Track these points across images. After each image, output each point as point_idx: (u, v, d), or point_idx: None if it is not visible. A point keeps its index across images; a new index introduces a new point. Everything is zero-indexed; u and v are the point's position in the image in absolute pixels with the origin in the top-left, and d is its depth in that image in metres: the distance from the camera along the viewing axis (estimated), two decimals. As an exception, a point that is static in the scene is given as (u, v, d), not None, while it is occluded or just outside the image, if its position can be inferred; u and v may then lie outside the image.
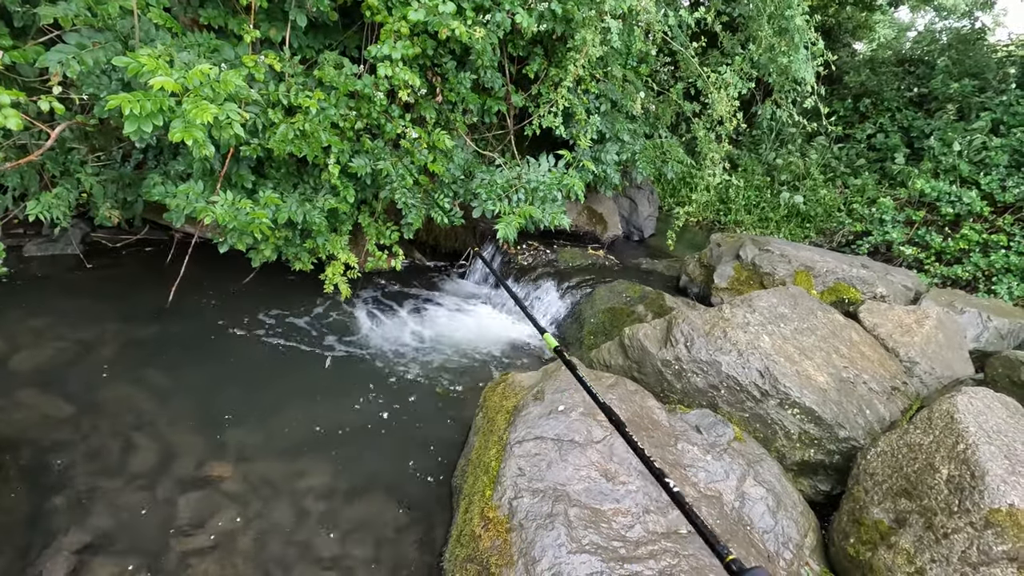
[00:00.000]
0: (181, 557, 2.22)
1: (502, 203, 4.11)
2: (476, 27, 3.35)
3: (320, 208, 3.64)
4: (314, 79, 3.46)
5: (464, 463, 2.63)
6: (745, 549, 2.06)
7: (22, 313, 3.47)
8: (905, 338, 3.39)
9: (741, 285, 4.33)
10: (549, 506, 1.97)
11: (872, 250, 6.76)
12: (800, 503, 2.32)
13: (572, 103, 4.27)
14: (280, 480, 2.65)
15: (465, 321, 4.49)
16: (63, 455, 2.56)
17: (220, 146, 3.18)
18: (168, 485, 2.52)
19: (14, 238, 4.18)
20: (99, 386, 3.01)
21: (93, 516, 2.31)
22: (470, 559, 1.95)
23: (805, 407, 2.52)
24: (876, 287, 4.08)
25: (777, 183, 8.36)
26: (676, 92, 5.53)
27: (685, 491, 2.20)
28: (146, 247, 4.57)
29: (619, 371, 3.01)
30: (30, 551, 2.12)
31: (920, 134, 8.20)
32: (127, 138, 3.55)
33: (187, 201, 3.21)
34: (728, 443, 2.43)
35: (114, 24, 2.88)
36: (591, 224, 5.70)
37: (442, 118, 4.14)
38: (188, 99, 2.52)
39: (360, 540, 2.43)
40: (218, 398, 3.09)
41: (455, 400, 3.44)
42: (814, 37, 4.58)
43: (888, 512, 2.04)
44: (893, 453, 2.17)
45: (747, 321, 2.89)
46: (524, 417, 2.29)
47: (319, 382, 3.39)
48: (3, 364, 3.03)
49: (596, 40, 3.83)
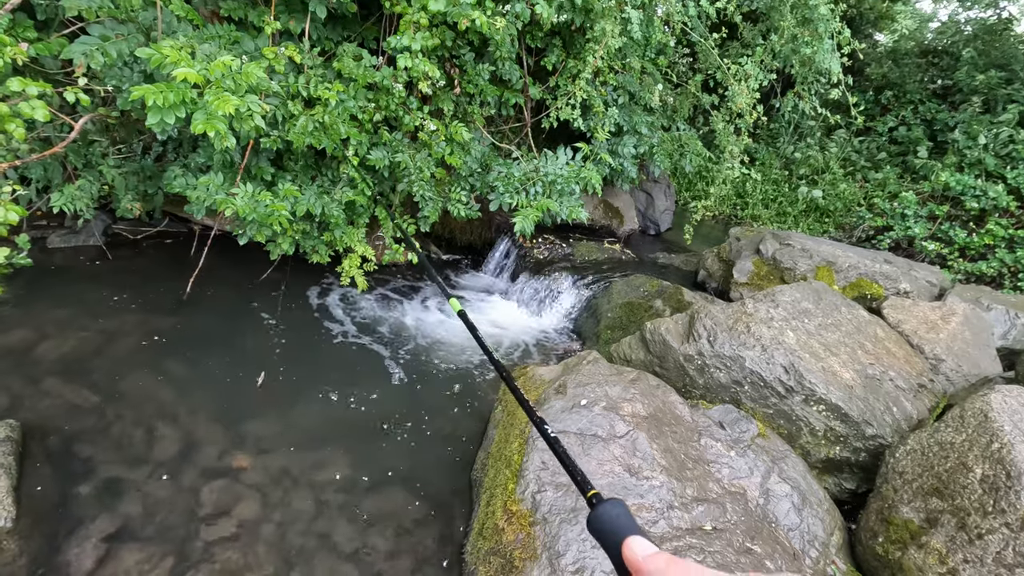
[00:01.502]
0: (205, 545, 2.24)
1: (519, 196, 4.08)
2: (496, 17, 3.31)
3: (338, 201, 3.64)
4: (333, 71, 3.45)
5: (484, 456, 2.63)
6: (770, 546, 2.03)
7: (47, 303, 3.52)
8: (930, 335, 3.32)
9: (761, 280, 4.27)
10: (573, 500, 1.95)
11: (893, 245, 6.64)
12: (826, 501, 2.29)
13: (590, 95, 4.22)
14: (299, 471, 2.66)
15: (481, 313, 4.48)
16: (89, 443, 2.59)
17: (240, 138, 3.19)
18: (191, 474, 2.55)
19: (38, 230, 4.24)
20: (122, 375, 3.04)
21: (120, 504, 2.33)
22: (493, 552, 1.94)
23: (831, 404, 2.48)
24: (899, 283, 4.00)
25: (795, 177, 8.24)
26: (695, 84, 5.45)
27: (709, 487, 2.17)
28: (166, 239, 4.61)
29: (639, 365, 2.99)
30: (58, 537, 2.15)
31: (944, 127, 8.02)
32: (148, 131, 3.59)
33: (207, 193, 3.22)
34: (752, 439, 2.40)
35: (136, 16, 2.89)
36: (607, 218, 5.65)
37: (459, 110, 4.11)
38: (210, 91, 2.52)
39: (380, 531, 2.43)
40: (237, 388, 3.11)
41: (472, 392, 3.44)
42: (839, 26, 4.48)
43: (918, 511, 2.00)
44: (923, 452, 2.13)
45: (771, 316, 2.84)
46: (546, 411, 2.27)
47: (336, 374, 3.40)
48: (30, 353, 3.07)
49: (616, 31, 3.78)
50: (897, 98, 9.01)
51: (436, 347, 3.87)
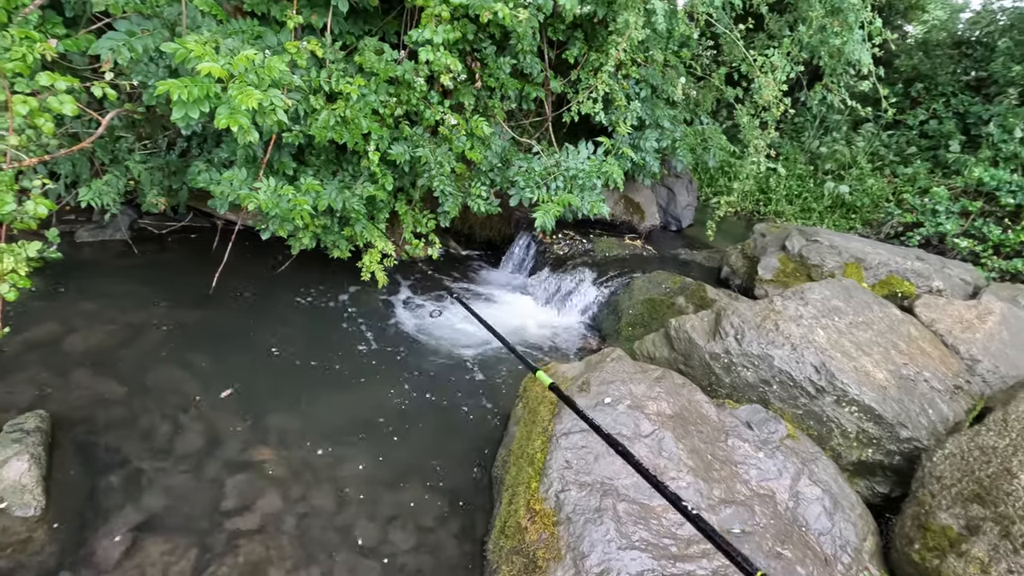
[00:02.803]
0: (229, 537, 2.25)
1: (540, 191, 4.04)
2: (519, 9, 3.27)
3: (359, 195, 3.63)
4: (355, 65, 3.44)
5: (505, 453, 2.60)
6: (800, 551, 1.97)
7: (75, 296, 3.58)
8: (966, 334, 3.20)
9: (787, 277, 4.17)
10: (597, 500, 1.92)
11: (923, 242, 6.45)
12: (858, 505, 2.22)
13: (612, 88, 4.15)
14: (320, 465, 2.67)
15: (500, 309, 4.45)
16: (115, 434, 2.63)
17: (263, 133, 3.19)
18: (214, 467, 2.57)
19: (66, 224, 4.32)
20: (148, 368, 3.08)
21: (145, 495, 2.36)
22: (516, 551, 1.92)
23: (864, 405, 2.40)
24: (932, 280, 3.87)
25: (821, 172, 8.05)
26: (718, 77, 5.34)
27: (736, 489, 2.12)
28: (191, 234, 4.67)
29: (664, 363, 2.93)
30: (86, 527, 2.18)
31: (977, 120, 7.76)
32: (172, 126, 3.62)
33: (231, 188, 3.24)
34: (781, 440, 2.33)
35: (162, 11, 2.91)
36: (628, 214, 5.58)
37: (480, 104, 4.08)
38: (233, 85, 2.52)
39: (400, 526, 2.43)
40: (259, 382, 3.13)
41: (491, 388, 3.42)
42: (870, 16, 4.34)
43: (958, 518, 1.92)
44: (963, 456, 2.05)
45: (799, 314, 2.76)
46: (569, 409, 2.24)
47: (356, 369, 3.41)
48: (59, 345, 3.13)
49: (639, 23, 3.70)
50: (928, 91, 8.74)
51: (454, 343, 3.86)
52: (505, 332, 4.05)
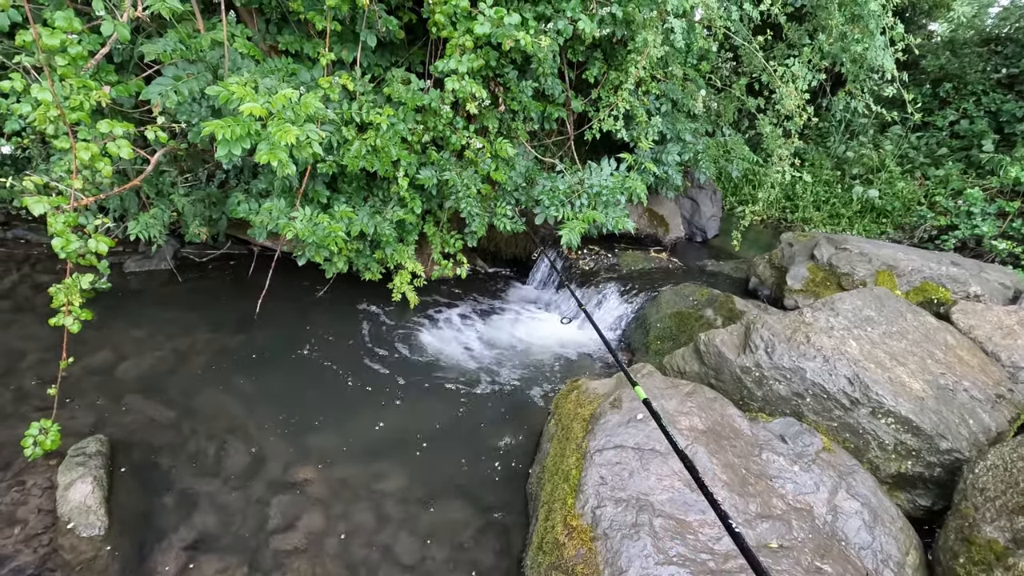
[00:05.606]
0: (276, 556, 2.34)
1: (565, 208, 4.11)
2: (540, 36, 3.37)
3: (389, 220, 3.76)
4: (383, 96, 3.59)
5: (539, 470, 2.65)
6: (841, 566, 1.96)
7: (125, 324, 3.77)
8: (1007, 341, 3.13)
9: (817, 287, 4.13)
10: (633, 516, 1.95)
11: (959, 245, 6.28)
12: (899, 518, 2.19)
13: (632, 105, 4.22)
14: (360, 484, 2.75)
15: (528, 326, 4.51)
16: (168, 456, 2.77)
17: (299, 164, 3.35)
18: (260, 487, 2.68)
19: (115, 255, 4.56)
20: (195, 392, 3.23)
21: (197, 514, 2.47)
22: (554, 567, 1.95)
23: (901, 416, 2.38)
24: (969, 286, 3.79)
25: (848, 177, 7.92)
26: (739, 88, 5.36)
27: (772, 503, 2.12)
28: (230, 261, 4.87)
29: (694, 378, 2.94)
30: (145, 546, 2.30)
31: (1011, 118, 7.56)
32: (212, 160, 3.81)
33: (270, 218, 3.39)
34: (816, 453, 2.32)
35: (204, 55, 3.09)
36: (653, 226, 5.60)
37: (504, 127, 4.19)
38: (272, 122, 2.67)
39: (439, 544, 2.48)
40: (299, 403, 3.25)
41: (522, 405, 3.47)
42: (891, 21, 4.32)
43: (1003, 531, 1.89)
44: (1007, 467, 2.01)
45: (831, 325, 2.75)
46: (603, 425, 2.28)
47: (390, 388, 3.50)
48: (112, 371, 3.31)
49: (658, 40, 3.77)
50: (957, 90, 8.55)
51: (483, 360, 3.93)
52: (532, 348, 4.15)
